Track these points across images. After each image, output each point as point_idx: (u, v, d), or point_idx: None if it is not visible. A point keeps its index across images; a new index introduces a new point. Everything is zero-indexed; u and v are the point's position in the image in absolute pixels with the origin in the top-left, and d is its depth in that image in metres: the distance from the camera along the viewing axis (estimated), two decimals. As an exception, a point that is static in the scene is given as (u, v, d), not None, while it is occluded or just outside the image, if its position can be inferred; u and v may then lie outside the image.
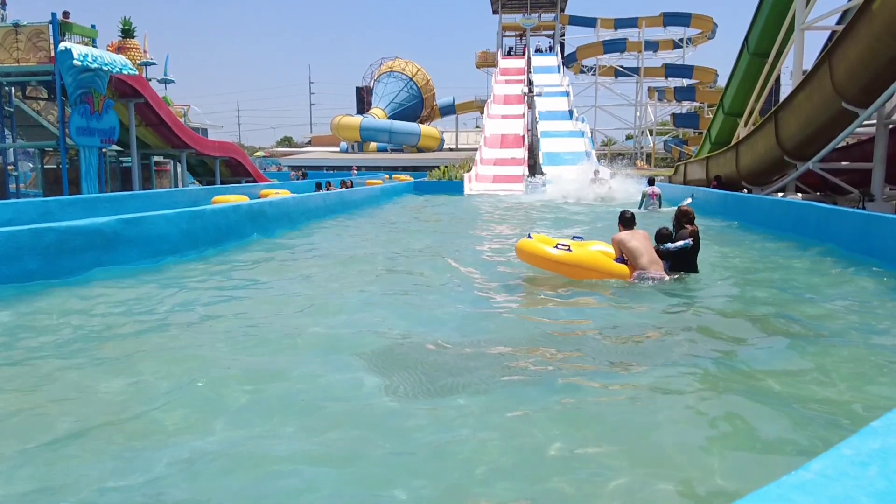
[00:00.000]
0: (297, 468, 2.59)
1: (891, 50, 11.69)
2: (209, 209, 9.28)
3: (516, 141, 32.80)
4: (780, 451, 2.79)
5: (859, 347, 4.28)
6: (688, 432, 2.98)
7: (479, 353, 4.14)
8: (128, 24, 25.84)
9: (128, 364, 3.91)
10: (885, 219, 7.78)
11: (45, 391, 3.49)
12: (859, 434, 1.55)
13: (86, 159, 17.16)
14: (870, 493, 1.25)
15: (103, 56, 16.92)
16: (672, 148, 53.69)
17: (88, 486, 2.45)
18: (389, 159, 49.85)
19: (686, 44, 55.84)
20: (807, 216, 10.33)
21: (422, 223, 14.34)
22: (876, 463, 1.38)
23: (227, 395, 3.38)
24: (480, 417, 3.10)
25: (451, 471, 2.60)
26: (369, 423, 3.04)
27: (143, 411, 3.19)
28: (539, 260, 6.70)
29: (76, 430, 2.97)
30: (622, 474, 2.56)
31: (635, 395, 3.43)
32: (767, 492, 1.26)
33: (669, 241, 6.78)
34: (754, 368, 3.82)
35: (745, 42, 22.84)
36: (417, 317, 5.22)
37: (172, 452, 2.72)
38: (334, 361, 3.95)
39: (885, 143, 13.88)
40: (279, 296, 6.01)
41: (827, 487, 1.28)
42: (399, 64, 57.43)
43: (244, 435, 2.90)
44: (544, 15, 50.19)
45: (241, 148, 29.36)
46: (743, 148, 18.24)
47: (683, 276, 6.64)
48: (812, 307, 5.57)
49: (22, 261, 6.25)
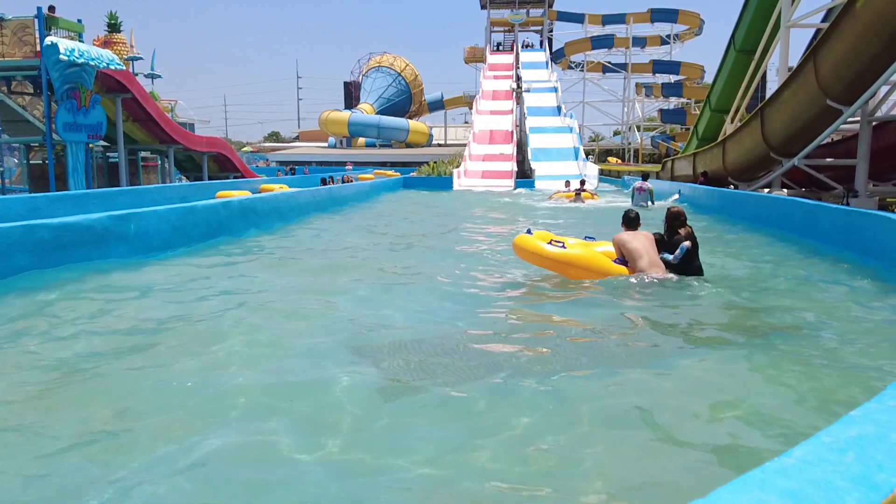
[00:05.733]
0: (295, 466, 2.62)
1: (874, 48, 11.87)
2: (200, 205, 9.28)
3: (505, 137, 32.86)
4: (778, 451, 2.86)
5: (844, 343, 4.39)
6: (681, 429, 3.05)
7: (474, 350, 4.17)
8: (114, 19, 25.62)
9: (112, 362, 3.91)
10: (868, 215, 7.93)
11: (32, 392, 3.50)
12: (838, 423, 1.64)
13: (73, 155, 17.02)
14: (847, 478, 1.33)
15: (90, 51, 16.78)
16: (659, 144, 53.99)
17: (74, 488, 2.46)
18: (378, 154, 49.73)
19: (673, 40, 56.15)
20: (792, 212, 10.49)
21: (412, 219, 14.37)
22: (853, 449, 1.46)
23: (223, 394, 3.38)
24: (474, 411, 3.15)
25: (449, 468, 2.64)
26: (365, 419, 3.07)
27: (139, 410, 3.20)
28: (534, 256, 6.55)
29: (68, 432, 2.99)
30: (613, 471, 2.64)
31: (624, 392, 3.49)
32: (751, 476, 1.33)
33: (663, 245, 6.57)
34: (752, 368, 3.87)
35: (731, 39, 23.04)
36: (410, 313, 5.24)
37: (167, 451, 2.73)
38: (327, 357, 3.97)
39: (868, 140, 14.08)
40: (271, 291, 6.01)
41: (807, 472, 1.36)
42: (387, 59, 57.25)
43: (241, 434, 2.91)
44: (532, 10, 50.21)
45: (228, 143, 29.18)
46: (730, 144, 18.43)
47: (686, 277, 6.38)
48: (805, 303, 5.64)
49: (13, 257, 6.24)
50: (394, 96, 55.93)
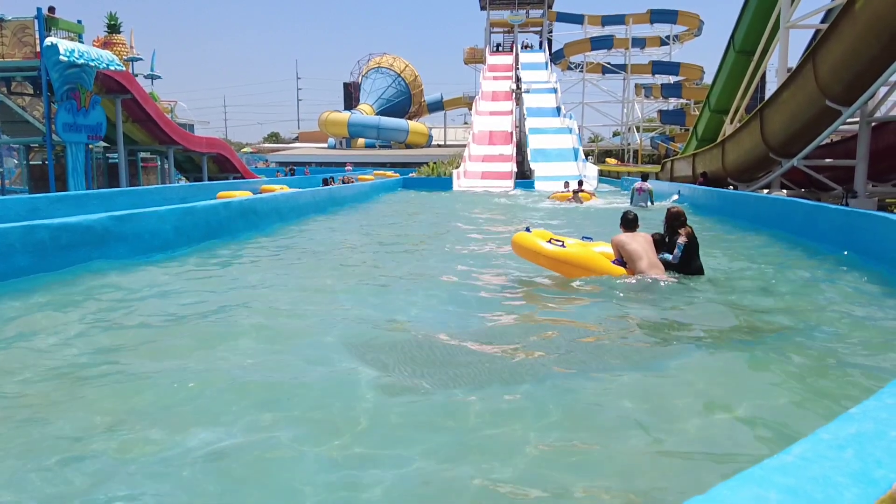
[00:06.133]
0: (293, 464, 2.62)
1: (872, 49, 11.89)
2: (200, 206, 9.29)
3: (505, 137, 32.88)
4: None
5: (842, 341, 4.40)
6: (681, 430, 3.06)
7: (474, 349, 4.18)
8: (114, 20, 25.64)
9: (114, 362, 3.92)
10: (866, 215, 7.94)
11: (34, 393, 3.51)
12: (837, 420, 1.65)
13: (73, 155, 17.03)
14: (846, 474, 1.34)
15: (90, 51, 16.80)
16: (658, 144, 54.06)
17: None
18: (378, 155, 49.75)
19: (673, 41, 56.20)
20: (791, 212, 10.50)
21: (411, 219, 14.38)
22: (852, 446, 1.47)
23: (224, 393, 3.39)
24: (473, 410, 3.16)
25: (447, 464, 2.66)
26: (361, 415, 3.08)
27: (135, 408, 3.21)
28: (532, 254, 6.51)
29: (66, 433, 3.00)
30: (612, 470, 2.65)
31: (623, 393, 3.50)
32: (751, 473, 1.34)
33: (663, 246, 6.57)
34: (751, 368, 3.87)
35: (731, 40, 23.06)
36: (410, 312, 5.26)
37: (172, 449, 2.74)
38: (324, 355, 3.98)
39: (867, 141, 14.10)
40: (272, 291, 6.02)
41: (806, 469, 1.37)
42: (387, 60, 57.28)
43: (237, 431, 2.92)
44: (532, 11, 50.22)
45: (228, 144, 29.19)
46: (729, 145, 18.45)
47: (685, 278, 6.39)
48: (804, 303, 5.65)
49: (13, 257, 6.25)
50: (393, 97, 55.97)
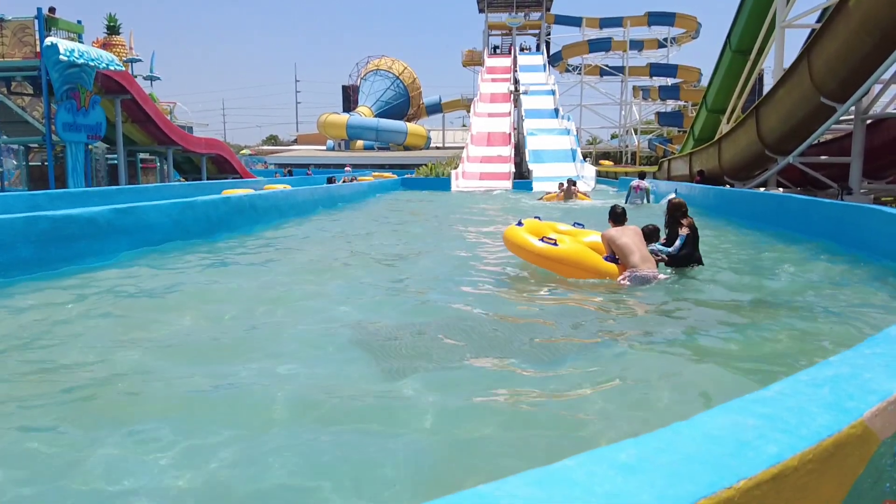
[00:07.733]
0: (291, 462, 2.63)
1: (866, 46, 11.99)
2: (200, 201, 9.36)
3: (503, 139, 33.01)
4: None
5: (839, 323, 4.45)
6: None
7: (473, 349, 4.18)
8: (113, 21, 25.74)
9: (113, 353, 3.94)
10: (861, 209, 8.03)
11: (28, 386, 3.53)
12: (816, 366, 1.72)
13: (72, 155, 17.11)
14: (820, 406, 1.42)
15: (90, 52, 16.89)
16: (656, 146, 54.17)
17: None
18: (376, 157, 49.84)
19: (670, 43, 56.34)
20: (787, 208, 10.59)
21: (410, 218, 14.44)
22: (828, 385, 1.55)
23: (225, 391, 3.40)
24: (471, 408, 3.18)
25: (443, 461, 2.67)
26: (358, 413, 3.10)
27: (147, 408, 3.21)
28: (522, 252, 6.32)
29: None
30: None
31: (621, 391, 3.51)
32: (730, 405, 1.42)
33: (654, 237, 6.51)
34: (749, 364, 3.88)
35: (727, 40, 23.19)
36: (409, 309, 5.27)
37: (179, 446, 2.75)
38: (319, 350, 4.01)
39: (862, 138, 14.19)
40: (268, 286, 6.05)
41: (783, 401, 1.45)
42: (385, 62, 57.45)
43: (234, 428, 2.93)
44: (530, 14, 50.43)
45: (227, 145, 29.27)
46: (725, 143, 18.54)
47: (683, 270, 6.34)
48: (801, 297, 5.66)
49: (15, 248, 6.31)
50: (392, 99, 56.12)
